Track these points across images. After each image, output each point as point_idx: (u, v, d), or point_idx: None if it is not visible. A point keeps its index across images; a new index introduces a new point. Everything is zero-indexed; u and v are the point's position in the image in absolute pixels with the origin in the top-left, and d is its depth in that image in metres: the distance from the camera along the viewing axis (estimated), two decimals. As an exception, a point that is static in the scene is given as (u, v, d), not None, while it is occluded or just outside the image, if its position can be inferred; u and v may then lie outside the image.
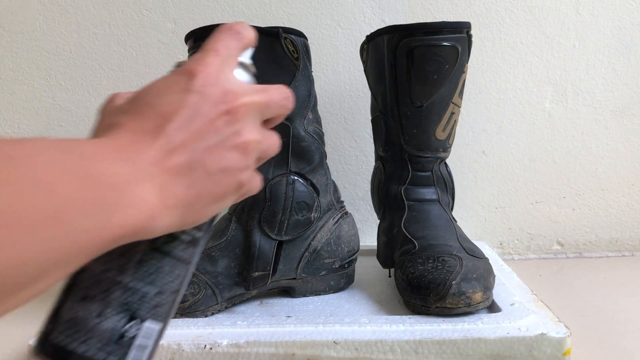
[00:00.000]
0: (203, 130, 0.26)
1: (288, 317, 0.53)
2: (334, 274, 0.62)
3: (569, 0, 0.80)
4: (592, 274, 0.76)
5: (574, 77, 0.82)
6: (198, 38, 0.55)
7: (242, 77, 0.32)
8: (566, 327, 0.48)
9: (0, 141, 0.20)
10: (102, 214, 0.22)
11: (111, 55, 0.83)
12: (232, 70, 0.30)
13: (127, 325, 0.28)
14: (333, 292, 0.63)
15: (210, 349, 0.48)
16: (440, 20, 0.80)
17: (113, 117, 0.26)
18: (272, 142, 0.32)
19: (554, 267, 0.81)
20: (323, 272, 0.61)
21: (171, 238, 0.30)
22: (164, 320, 0.30)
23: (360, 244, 0.65)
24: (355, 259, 0.64)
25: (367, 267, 0.71)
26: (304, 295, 0.61)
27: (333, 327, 0.50)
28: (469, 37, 0.61)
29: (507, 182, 0.85)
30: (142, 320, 0.29)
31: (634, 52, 0.81)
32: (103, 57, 0.83)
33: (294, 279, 0.60)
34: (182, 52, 0.82)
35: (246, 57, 0.33)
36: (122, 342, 0.28)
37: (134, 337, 0.28)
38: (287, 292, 0.62)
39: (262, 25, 0.58)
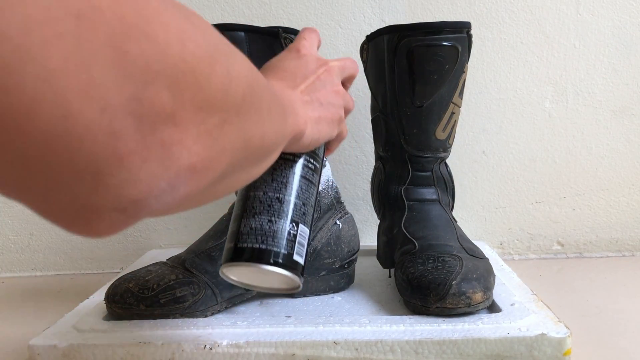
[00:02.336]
0: (314, 80, 0.40)
1: (288, 317, 0.53)
2: (334, 274, 0.62)
3: (569, 0, 0.80)
4: (592, 274, 0.76)
5: (574, 77, 0.82)
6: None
7: None
8: (566, 327, 0.48)
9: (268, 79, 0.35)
10: (290, 114, 0.35)
11: (111, 55, 0.83)
12: (317, 50, 0.45)
13: (289, 226, 0.39)
14: (333, 292, 0.63)
15: (210, 349, 0.48)
16: (440, 20, 0.80)
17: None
18: (351, 98, 0.45)
19: (554, 267, 0.81)
20: (323, 272, 0.61)
21: (303, 166, 0.42)
22: (310, 227, 0.42)
23: (360, 244, 0.65)
24: (355, 259, 0.64)
25: (367, 267, 0.71)
26: (304, 296, 0.61)
27: (333, 327, 0.50)
28: (469, 37, 0.61)
29: (507, 182, 0.85)
30: (297, 224, 0.40)
31: (634, 52, 0.81)
32: (103, 57, 0.83)
33: (294, 279, 0.60)
34: (182, 52, 0.82)
35: None
36: (289, 238, 0.39)
37: (295, 235, 0.39)
38: (287, 292, 0.62)
39: (262, 25, 0.58)
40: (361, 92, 0.83)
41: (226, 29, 0.54)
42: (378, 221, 0.69)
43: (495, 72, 0.82)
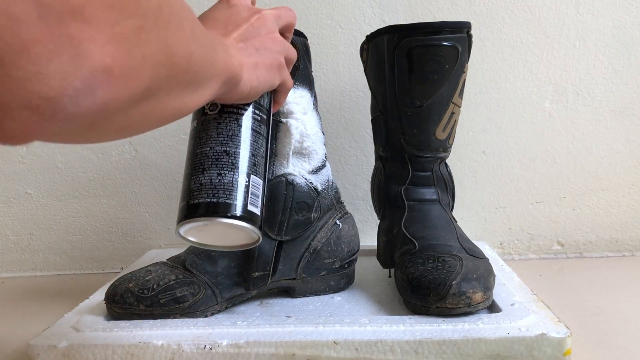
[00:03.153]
0: (247, 28, 0.40)
1: (288, 317, 0.53)
2: (334, 274, 0.62)
3: (569, 0, 0.80)
4: (592, 274, 0.76)
5: (574, 77, 0.82)
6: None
7: None
8: (566, 327, 0.48)
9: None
10: (221, 51, 0.35)
11: (111, 55, 0.83)
12: (249, 1, 0.44)
13: (240, 178, 0.39)
14: (333, 292, 0.63)
15: (210, 349, 0.48)
16: (440, 20, 0.80)
17: None
18: (291, 47, 0.45)
19: (554, 267, 0.81)
20: (323, 272, 0.61)
21: (248, 117, 0.41)
22: (263, 178, 0.41)
23: (360, 244, 0.65)
24: (355, 259, 0.64)
25: (367, 267, 0.71)
26: (304, 296, 0.61)
27: (333, 327, 0.50)
28: (469, 37, 0.61)
29: (507, 182, 0.85)
30: (249, 175, 0.39)
31: (634, 52, 0.81)
32: (103, 57, 0.83)
33: (294, 279, 0.60)
34: (182, 52, 0.82)
35: None
36: (241, 189, 0.39)
37: (247, 186, 0.39)
38: (287, 292, 0.62)
39: (262, 25, 0.58)
40: (361, 92, 0.83)
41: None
42: (378, 221, 0.69)
43: (495, 72, 0.82)
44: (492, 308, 0.54)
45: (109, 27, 0.22)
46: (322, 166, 0.61)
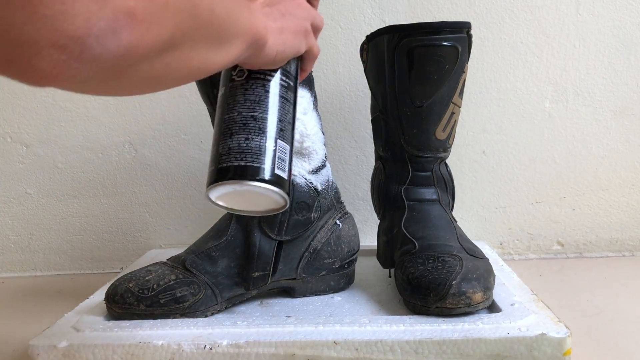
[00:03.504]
0: None
1: (288, 317, 0.53)
2: (334, 274, 0.62)
3: (569, 0, 0.80)
4: (592, 274, 0.76)
5: (574, 77, 0.82)
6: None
7: None
8: (566, 327, 0.48)
9: None
10: (246, 12, 0.34)
11: (111, 55, 0.83)
12: None
13: (267, 142, 0.39)
14: (333, 292, 0.63)
15: (210, 349, 0.48)
16: (440, 20, 0.80)
17: None
18: (318, 14, 0.45)
19: (554, 267, 0.81)
20: (323, 272, 0.61)
21: (275, 83, 0.41)
22: (290, 143, 0.41)
23: (360, 244, 0.65)
24: (355, 259, 0.64)
25: (367, 267, 0.71)
26: (304, 296, 0.61)
27: (333, 327, 0.50)
28: (469, 37, 0.61)
29: (507, 182, 0.85)
30: (275, 140, 0.39)
31: (634, 52, 0.81)
32: (103, 57, 0.83)
33: (294, 279, 0.60)
34: (182, 52, 0.82)
35: None
36: (268, 153, 0.39)
37: (274, 150, 0.39)
38: (287, 292, 0.62)
39: (262, 25, 0.58)
40: (361, 92, 0.83)
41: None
42: (378, 221, 0.69)
43: (495, 72, 0.82)
44: (492, 308, 0.54)
45: None
46: (322, 166, 0.61)
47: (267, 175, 0.38)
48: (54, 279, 0.86)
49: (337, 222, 0.62)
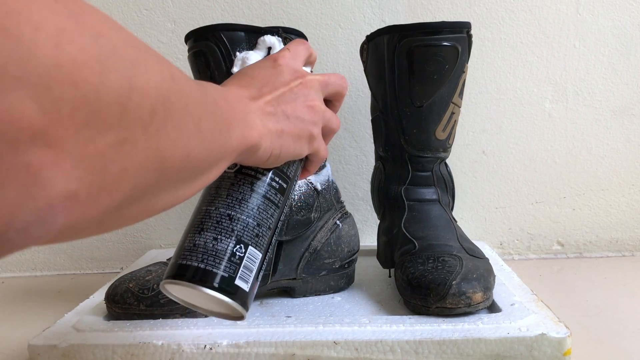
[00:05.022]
0: (284, 92, 0.38)
1: (288, 317, 0.53)
2: (334, 274, 0.62)
3: (569, 0, 0.80)
4: (592, 274, 0.76)
5: (574, 77, 0.82)
6: (198, 38, 0.55)
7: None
8: (566, 327, 0.48)
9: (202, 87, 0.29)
10: (237, 127, 0.32)
11: (111, 55, 0.83)
12: (300, 63, 0.42)
13: (236, 247, 0.36)
14: (333, 292, 0.63)
15: (210, 349, 0.48)
16: (440, 20, 0.80)
17: (226, 83, 0.38)
18: (334, 117, 0.42)
19: (554, 267, 0.81)
20: (323, 272, 0.61)
21: (264, 183, 0.39)
22: (263, 252, 0.38)
23: (360, 244, 0.66)
24: (355, 259, 0.64)
25: (367, 267, 0.71)
26: (304, 296, 0.61)
27: (333, 327, 0.50)
28: (469, 37, 0.61)
29: (507, 182, 0.85)
30: (247, 245, 0.37)
31: (634, 52, 0.81)
32: (103, 57, 0.83)
33: (294, 279, 0.60)
34: (182, 51, 0.82)
35: (308, 70, 0.45)
36: (233, 260, 0.36)
37: (241, 258, 0.36)
38: (287, 292, 0.62)
39: (262, 25, 0.58)
40: (361, 92, 0.83)
41: (226, 29, 0.54)
42: (378, 221, 0.69)
43: (495, 72, 0.82)
44: (492, 308, 0.54)
45: (80, 147, 0.18)
46: (322, 166, 0.61)
47: (224, 284, 0.35)
48: (54, 279, 0.86)
49: (337, 222, 0.62)
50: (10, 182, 0.17)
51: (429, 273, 0.53)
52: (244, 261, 0.37)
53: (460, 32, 0.60)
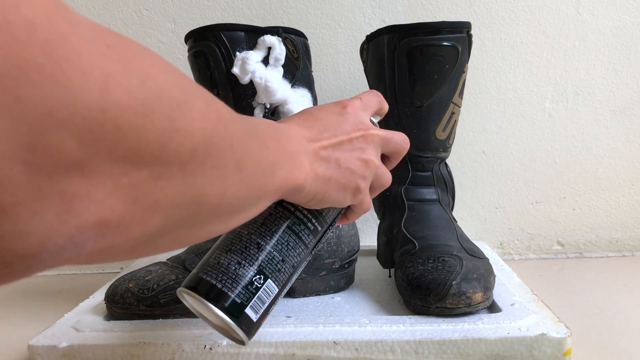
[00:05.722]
0: (343, 141, 0.38)
1: (288, 317, 0.53)
2: (334, 274, 0.62)
3: (569, 0, 0.80)
4: (592, 274, 0.76)
5: (574, 77, 0.82)
6: (198, 38, 0.55)
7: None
8: (566, 327, 0.48)
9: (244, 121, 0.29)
10: (283, 168, 0.32)
11: (111, 55, 0.83)
12: (368, 115, 0.43)
13: (255, 277, 0.37)
14: (333, 292, 0.63)
15: (210, 349, 0.48)
16: (440, 20, 0.80)
17: (289, 119, 0.39)
18: (387, 173, 0.42)
19: (554, 267, 0.81)
20: (323, 272, 0.61)
21: (300, 221, 0.39)
22: (281, 287, 0.39)
23: (360, 244, 0.65)
24: (356, 259, 0.64)
25: (367, 267, 0.71)
26: (304, 296, 0.61)
27: (333, 327, 0.50)
28: (469, 37, 0.61)
29: (507, 182, 0.85)
30: (266, 278, 0.37)
31: (634, 52, 0.81)
32: (103, 57, 0.83)
33: (294, 279, 0.60)
34: (182, 51, 0.82)
35: (376, 120, 0.45)
36: (250, 288, 0.37)
37: (258, 288, 0.37)
38: (287, 292, 0.62)
39: (262, 25, 0.58)
40: (361, 92, 0.83)
41: (226, 29, 0.54)
42: (378, 221, 0.69)
43: (495, 72, 0.82)
44: (492, 308, 0.54)
45: (114, 179, 0.19)
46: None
47: (234, 308, 0.36)
48: (54, 279, 0.86)
49: (337, 222, 0.62)
50: (47, 208, 0.18)
51: (429, 273, 0.53)
52: (260, 292, 0.37)
53: (460, 32, 0.60)
